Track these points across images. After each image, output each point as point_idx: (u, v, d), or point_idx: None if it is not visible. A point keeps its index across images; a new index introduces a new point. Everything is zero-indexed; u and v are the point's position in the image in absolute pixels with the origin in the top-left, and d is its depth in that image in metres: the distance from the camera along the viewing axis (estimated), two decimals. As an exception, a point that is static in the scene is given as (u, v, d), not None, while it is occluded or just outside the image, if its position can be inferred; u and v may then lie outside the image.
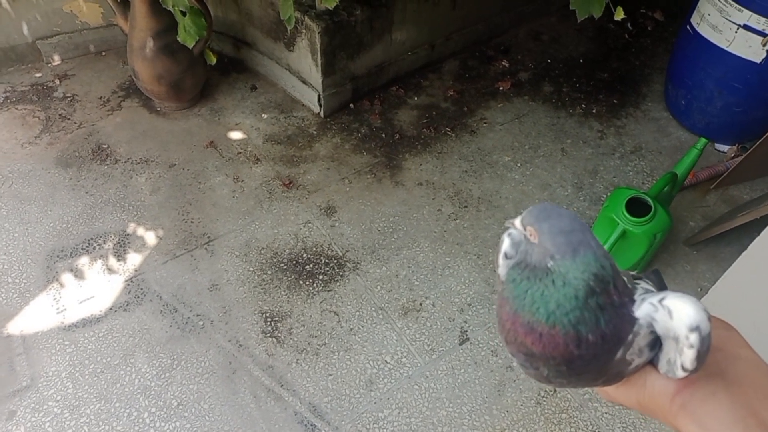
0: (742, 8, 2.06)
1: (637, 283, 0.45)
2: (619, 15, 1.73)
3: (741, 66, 2.18)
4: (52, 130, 2.40)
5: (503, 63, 2.86)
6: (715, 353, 0.40)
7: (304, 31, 2.33)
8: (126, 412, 1.64)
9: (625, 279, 0.43)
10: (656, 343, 0.42)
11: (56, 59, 2.68)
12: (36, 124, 2.42)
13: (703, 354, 0.38)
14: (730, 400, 0.39)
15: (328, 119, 2.53)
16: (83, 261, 1.97)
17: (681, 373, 0.40)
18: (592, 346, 0.40)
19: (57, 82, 2.61)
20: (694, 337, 0.38)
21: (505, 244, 0.48)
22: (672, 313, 0.39)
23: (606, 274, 0.40)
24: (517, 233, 0.46)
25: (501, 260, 0.48)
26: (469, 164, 2.36)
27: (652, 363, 0.43)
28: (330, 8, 2.08)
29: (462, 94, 2.69)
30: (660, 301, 0.40)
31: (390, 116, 2.56)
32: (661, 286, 0.49)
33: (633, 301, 0.41)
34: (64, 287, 1.90)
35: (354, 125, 2.51)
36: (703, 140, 1.88)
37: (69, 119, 2.45)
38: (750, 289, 1.53)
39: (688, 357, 0.38)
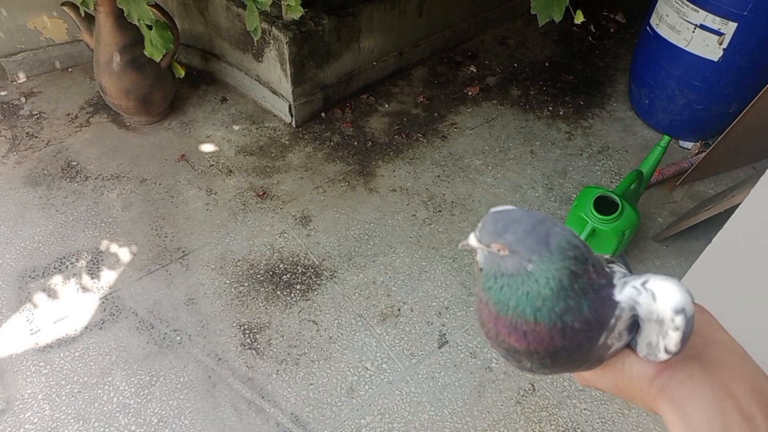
0: (698, 8, 2.13)
1: (612, 267, 0.44)
2: (579, 18, 1.78)
3: (700, 64, 2.25)
4: (19, 149, 2.36)
5: (471, 68, 2.90)
6: (692, 337, 0.40)
7: (272, 41, 2.34)
8: (105, 431, 1.62)
9: (601, 262, 0.43)
10: (634, 326, 0.42)
11: (21, 77, 2.65)
12: (2, 143, 2.38)
13: (687, 336, 0.38)
14: (707, 382, 0.39)
15: (300, 129, 2.54)
16: (56, 280, 1.94)
17: (663, 356, 0.40)
18: (577, 334, 0.40)
19: (23, 99, 2.57)
20: (679, 319, 0.38)
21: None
22: (656, 296, 0.39)
23: (582, 253, 0.40)
24: (481, 252, 0.45)
25: (473, 239, 0.45)
26: (442, 169, 2.39)
27: (629, 346, 0.43)
28: (296, 18, 2.09)
29: (432, 100, 2.72)
30: (643, 284, 0.40)
31: (362, 124, 2.58)
32: (628, 271, 0.48)
33: (613, 285, 0.41)
34: (38, 308, 1.87)
35: (326, 134, 2.52)
36: (667, 138, 1.94)
37: (36, 137, 2.41)
38: (716, 281, 1.57)
39: (673, 339, 0.38)
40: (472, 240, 0.44)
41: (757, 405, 0.38)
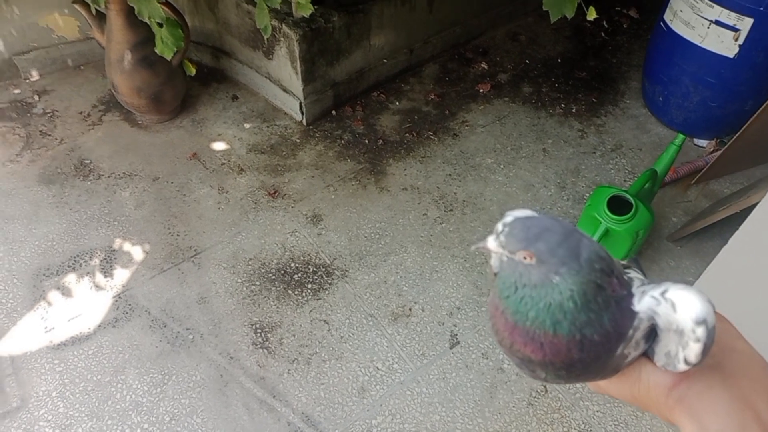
0: (713, 4, 2.10)
1: (628, 273, 0.43)
2: (591, 15, 1.76)
3: (715, 61, 2.22)
4: (33, 147, 2.37)
5: (482, 65, 2.89)
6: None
7: (282, 39, 2.33)
8: (118, 429, 1.63)
9: (621, 271, 0.42)
10: (651, 334, 0.41)
11: (34, 75, 2.66)
12: (16, 141, 2.39)
13: (708, 347, 0.38)
14: (726, 393, 0.39)
15: (311, 127, 2.53)
16: (70, 279, 1.96)
17: (683, 367, 0.39)
18: (595, 347, 0.39)
19: (36, 97, 2.58)
20: (701, 331, 0.37)
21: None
22: (676, 306, 0.38)
23: (608, 264, 0.39)
24: (497, 257, 0.42)
25: (492, 242, 0.42)
26: (453, 167, 2.38)
27: (647, 355, 0.42)
28: (306, 16, 2.08)
29: (443, 98, 2.70)
30: (662, 293, 0.39)
31: (372, 122, 2.57)
32: (643, 275, 0.48)
33: (631, 295, 0.40)
34: (52, 306, 1.89)
35: (337, 132, 2.52)
36: (681, 136, 1.92)
37: (50, 135, 2.43)
38: (732, 282, 1.56)
39: (694, 350, 0.38)
40: (492, 244, 0.42)
41: None
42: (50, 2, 2.52)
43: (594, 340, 0.39)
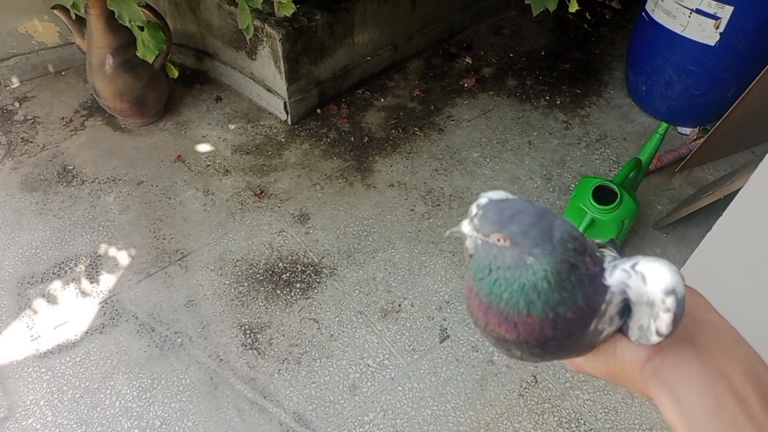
0: (693, -7, 2.11)
1: (602, 251, 0.44)
2: (573, 6, 1.76)
3: (696, 50, 2.23)
4: (14, 155, 2.35)
5: (466, 59, 2.89)
6: (683, 319, 0.39)
7: (265, 39, 2.32)
8: (108, 435, 1.62)
9: (593, 248, 0.42)
10: (625, 310, 0.41)
11: (14, 81, 2.63)
12: (-3, 149, 2.37)
13: (678, 317, 0.38)
14: (700, 364, 0.39)
15: (296, 126, 2.52)
16: (55, 286, 1.94)
17: (655, 339, 0.39)
18: (569, 324, 0.39)
19: (17, 104, 2.56)
20: (670, 301, 0.37)
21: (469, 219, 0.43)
22: (646, 278, 0.39)
23: (582, 243, 0.40)
24: (472, 239, 0.43)
25: (466, 226, 0.42)
26: (439, 162, 2.38)
27: (621, 331, 0.42)
28: (289, 15, 2.07)
29: (428, 93, 2.70)
30: (632, 266, 0.39)
31: (358, 119, 2.57)
32: (618, 255, 0.48)
33: (603, 269, 0.41)
34: (37, 314, 1.87)
35: (322, 130, 2.51)
36: (665, 125, 1.92)
37: (32, 142, 2.40)
38: (716, 268, 1.56)
39: (664, 321, 0.38)
40: (466, 227, 0.42)
41: (751, 387, 0.38)
42: (29, 8, 2.50)
43: (567, 317, 0.39)
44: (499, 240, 0.40)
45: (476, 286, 0.42)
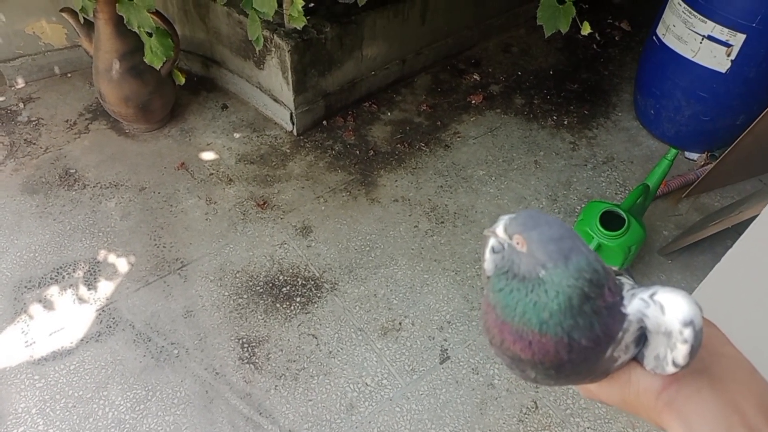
0: (705, 19, 2.10)
1: (620, 278, 0.44)
2: (586, 30, 1.75)
3: (707, 76, 2.22)
4: (17, 156, 2.33)
5: (474, 76, 2.88)
6: (699, 350, 0.39)
7: (273, 49, 2.31)
8: (100, 447, 1.59)
9: (614, 279, 0.42)
10: (641, 338, 0.41)
11: (20, 82, 2.62)
12: (0, 149, 2.35)
13: (695, 349, 0.38)
14: (714, 397, 0.39)
15: (302, 137, 2.51)
16: (52, 291, 1.91)
17: (671, 369, 0.39)
18: (584, 350, 0.39)
19: (21, 105, 2.54)
20: (688, 332, 0.37)
21: (492, 240, 0.47)
22: (664, 308, 0.39)
23: (600, 278, 0.39)
24: (498, 242, 0.45)
25: (488, 254, 0.47)
26: (444, 179, 2.36)
27: (636, 359, 0.43)
28: (299, 28, 2.06)
29: (435, 109, 2.69)
30: (651, 296, 0.40)
31: (364, 132, 2.55)
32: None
33: (622, 298, 0.41)
34: (33, 319, 1.84)
35: (328, 142, 2.50)
36: (674, 151, 1.91)
37: (34, 144, 2.39)
38: (725, 300, 1.54)
39: (681, 352, 0.38)
40: (500, 229, 0.44)
41: (764, 420, 0.38)
42: (37, 9, 2.49)
43: (581, 344, 0.39)
44: (518, 243, 0.41)
45: (494, 299, 0.42)
